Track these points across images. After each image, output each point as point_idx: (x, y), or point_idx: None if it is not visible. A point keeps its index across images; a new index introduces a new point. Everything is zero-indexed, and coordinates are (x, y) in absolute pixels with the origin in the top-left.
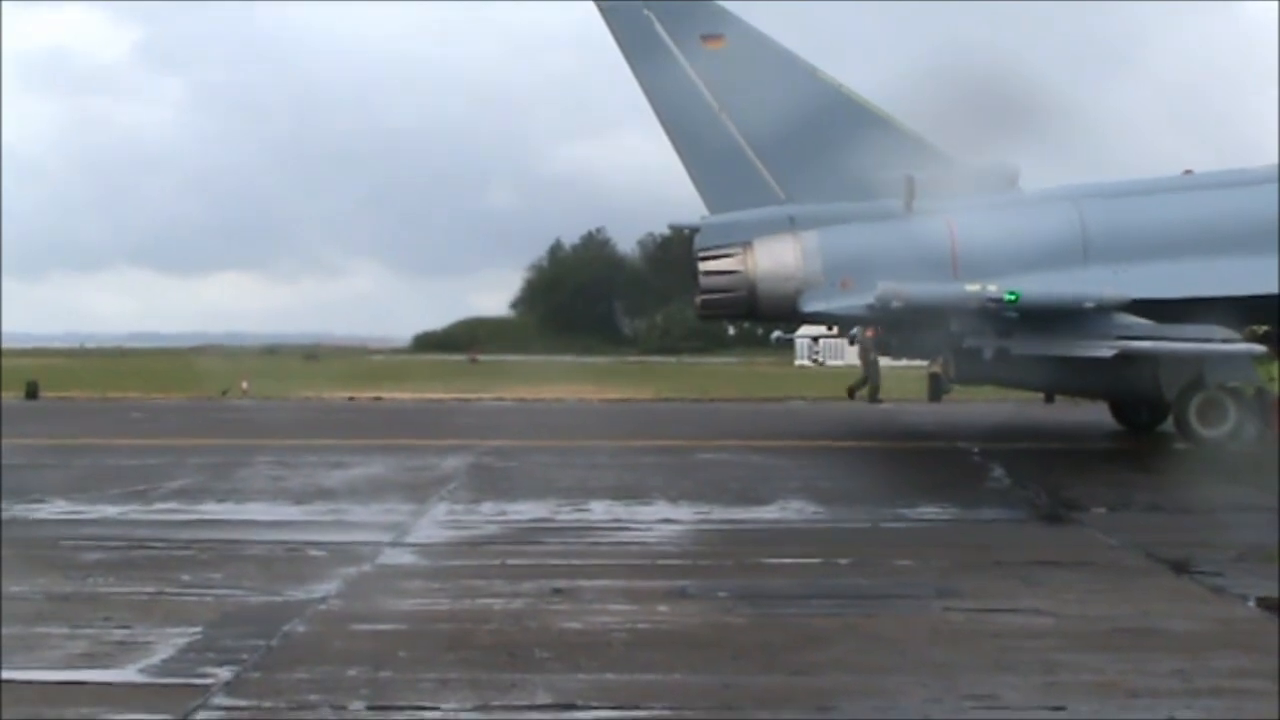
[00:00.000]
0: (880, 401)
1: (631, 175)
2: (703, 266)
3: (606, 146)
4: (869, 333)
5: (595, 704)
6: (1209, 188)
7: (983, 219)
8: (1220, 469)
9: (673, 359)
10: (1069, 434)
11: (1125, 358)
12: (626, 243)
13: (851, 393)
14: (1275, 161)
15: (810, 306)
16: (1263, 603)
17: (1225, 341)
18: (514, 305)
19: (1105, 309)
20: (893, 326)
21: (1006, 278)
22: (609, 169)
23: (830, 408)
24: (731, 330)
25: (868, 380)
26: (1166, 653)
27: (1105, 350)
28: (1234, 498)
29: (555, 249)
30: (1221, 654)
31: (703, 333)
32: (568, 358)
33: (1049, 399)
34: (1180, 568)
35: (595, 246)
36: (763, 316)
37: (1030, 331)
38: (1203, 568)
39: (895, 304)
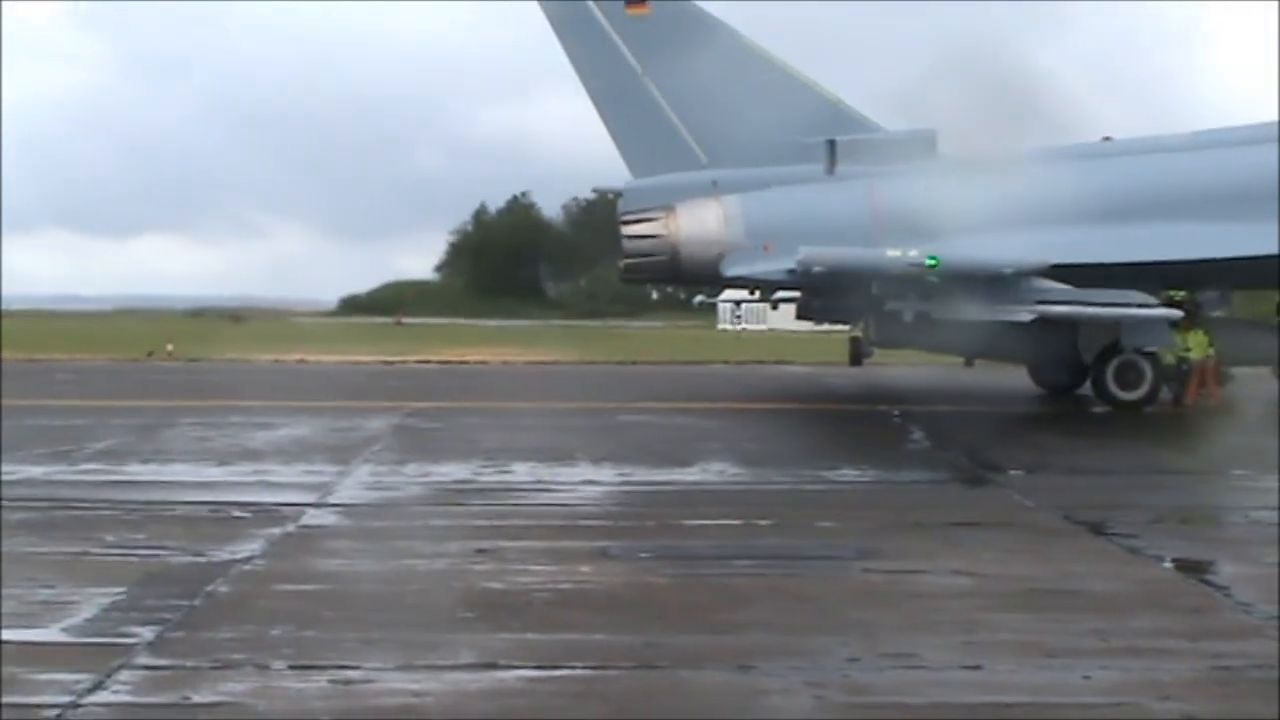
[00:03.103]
0: None
1: (557, 140)
2: (626, 230)
3: (532, 111)
4: None
5: (518, 663)
6: (1127, 154)
7: (903, 184)
8: (1138, 432)
9: (597, 323)
10: (989, 397)
11: (1044, 322)
12: (551, 207)
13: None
14: (1194, 129)
15: (733, 270)
16: (1179, 564)
17: (1142, 306)
18: (439, 269)
19: (1025, 274)
20: (814, 291)
21: (927, 242)
22: (534, 133)
23: (753, 371)
24: (655, 294)
25: None
26: (1084, 613)
27: (1024, 315)
28: (1150, 461)
29: (480, 213)
30: (1138, 614)
31: (627, 297)
32: (493, 321)
33: (969, 363)
34: (1098, 529)
35: (520, 210)
36: (686, 280)
37: (951, 296)
38: (1120, 529)
39: (817, 268)
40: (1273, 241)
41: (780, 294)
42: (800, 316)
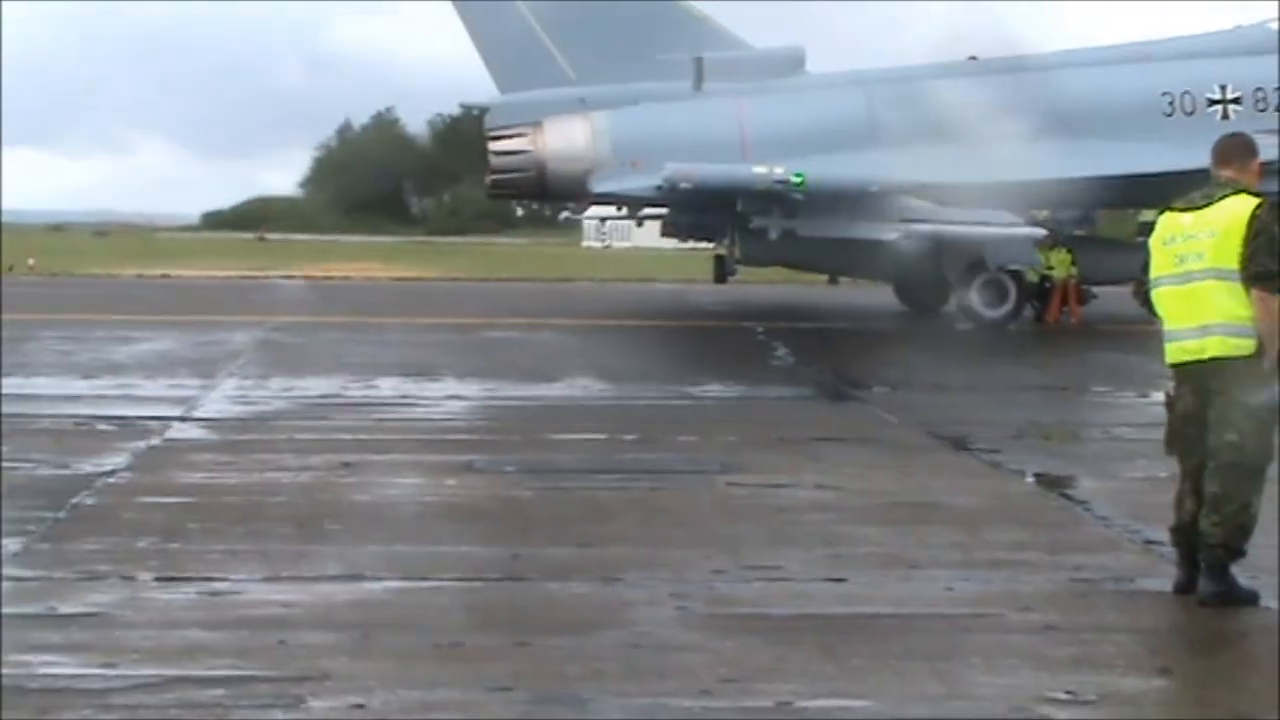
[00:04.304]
0: None
1: (422, 55)
2: (492, 146)
3: (397, 24)
4: None
5: (384, 575)
6: (993, 73)
7: (771, 102)
8: (1001, 349)
9: (461, 239)
10: (853, 314)
11: (909, 239)
12: (417, 123)
13: None
14: (1062, 48)
15: (600, 187)
16: (1040, 478)
17: (1007, 225)
18: (303, 185)
19: (890, 192)
20: (681, 208)
21: (793, 160)
22: (399, 48)
23: (618, 288)
24: (520, 211)
25: None
26: (946, 526)
27: (889, 233)
28: (1013, 377)
29: (344, 129)
30: (999, 527)
31: (491, 213)
32: (356, 237)
33: (832, 280)
34: (959, 444)
35: (385, 127)
36: (553, 196)
37: (816, 213)
38: (981, 445)
39: (683, 185)
40: (1136, 161)
41: (647, 211)
42: (665, 234)
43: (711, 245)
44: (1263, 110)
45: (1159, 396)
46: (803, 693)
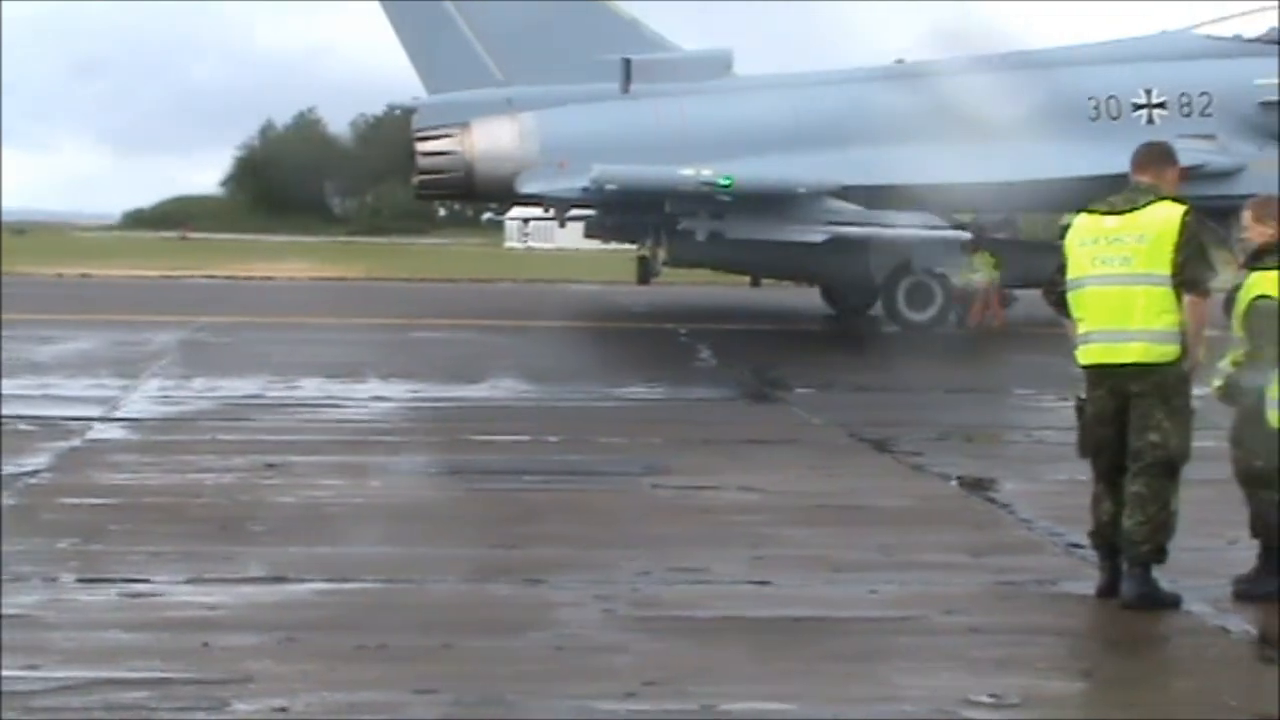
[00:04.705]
0: None
1: (349, 55)
2: (420, 147)
3: (323, 24)
4: None
5: (308, 576)
6: (919, 76)
7: (698, 104)
8: (925, 352)
9: (384, 239)
10: (778, 316)
11: (836, 242)
12: (339, 123)
13: None
14: (987, 52)
15: (527, 188)
16: (963, 480)
17: (933, 228)
18: (225, 184)
19: (817, 194)
20: (609, 209)
21: (721, 162)
22: (324, 47)
23: (541, 289)
24: (442, 211)
25: None
26: (870, 528)
27: (816, 235)
28: (937, 380)
29: (267, 128)
30: (923, 530)
31: (414, 213)
32: (279, 236)
33: (755, 282)
34: (882, 446)
35: (307, 126)
36: (481, 197)
37: (744, 215)
38: (904, 447)
39: (611, 186)
40: (1062, 164)
41: (574, 212)
42: (588, 235)
43: (635, 247)
44: (1187, 115)
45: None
46: (728, 695)
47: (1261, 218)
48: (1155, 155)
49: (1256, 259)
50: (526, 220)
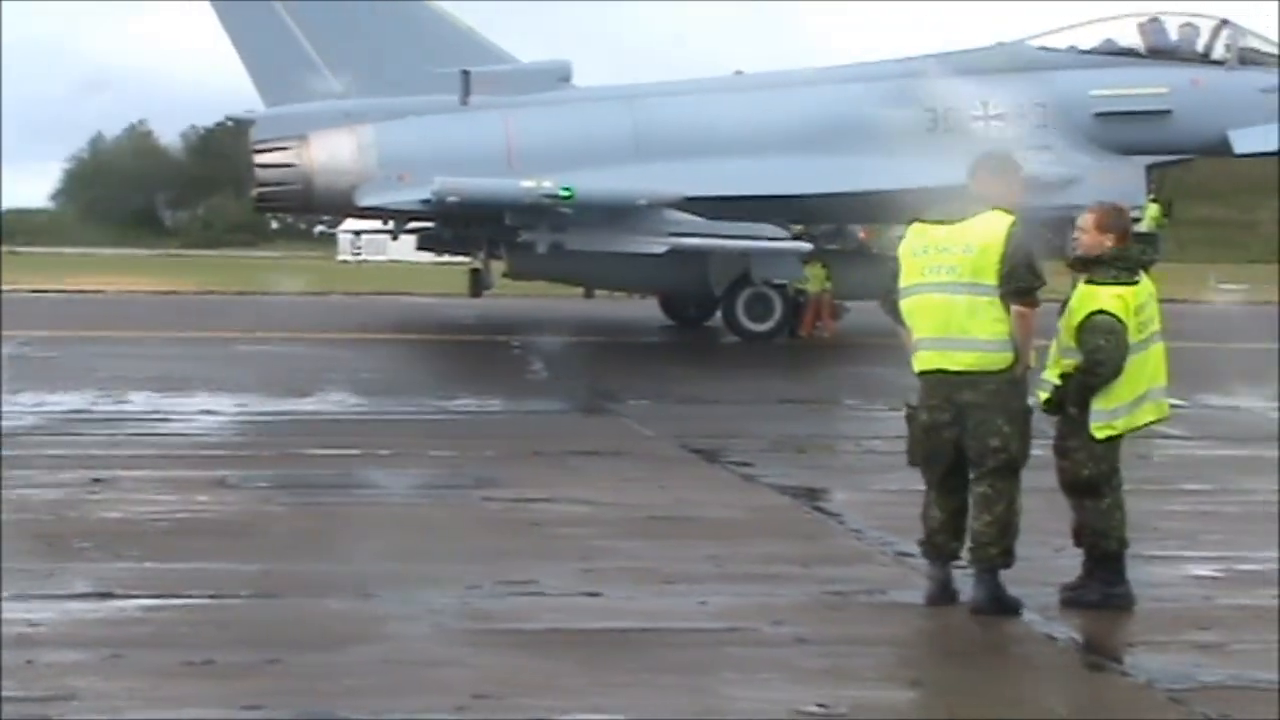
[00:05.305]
0: None
1: (184, 68)
2: (259, 159)
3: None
4: None
5: (135, 592)
6: (758, 88)
7: (537, 115)
8: (760, 363)
9: (215, 252)
10: (612, 329)
11: (677, 253)
12: (170, 135)
13: None
14: (824, 65)
15: (367, 200)
16: (793, 491)
17: (772, 239)
18: (54, 197)
19: (657, 206)
20: (449, 221)
21: (561, 174)
22: (159, 61)
23: (373, 302)
24: (275, 224)
25: None
26: (700, 539)
27: (657, 246)
28: (770, 391)
29: (96, 140)
30: (752, 540)
31: (246, 226)
32: (109, 250)
33: (588, 294)
34: (713, 457)
35: (137, 139)
36: (320, 210)
37: (584, 227)
38: (735, 457)
39: (452, 198)
40: (900, 176)
41: (414, 224)
42: (421, 247)
43: (468, 259)
44: (1023, 127)
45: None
46: (558, 708)
47: (1104, 226)
48: (991, 165)
49: (1087, 268)
50: (358, 233)
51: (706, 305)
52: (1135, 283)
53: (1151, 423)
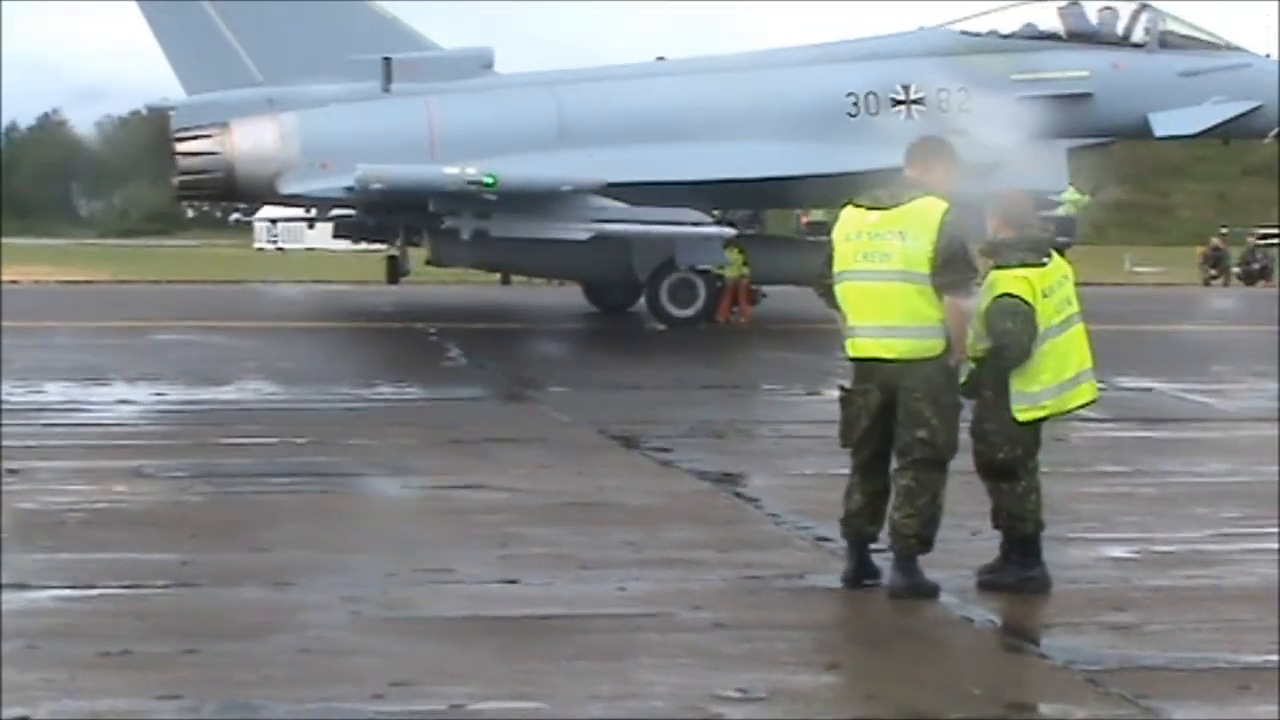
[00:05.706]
0: None
1: (90, 56)
2: (180, 148)
3: (74, 24)
4: None
5: (51, 583)
6: (681, 74)
7: (460, 102)
8: (680, 349)
9: (131, 241)
10: (532, 315)
11: (600, 239)
12: (85, 124)
13: None
14: (747, 50)
15: (289, 188)
16: (710, 476)
17: (696, 224)
18: None
19: (581, 192)
20: (371, 209)
21: (484, 160)
22: (69, 48)
23: (289, 290)
24: (191, 213)
25: None
26: (618, 525)
27: (580, 232)
28: (686, 376)
29: (9, 131)
30: (671, 526)
31: (162, 215)
32: (23, 240)
33: (505, 280)
34: (631, 443)
35: (51, 128)
36: (243, 198)
37: (508, 214)
38: (653, 443)
39: (376, 186)
40: (822, 161)
41: (337, 212)
42: (338, 235)
43: (385, 247)
44: (945, 111)
45: (829, 394)
46: (476, 695)
47: (1004, 212)
48: (926, 150)
49: (995, 253)
50: (274, 221)
51: (631, 291)
52: (1042, 264)
53: (1084, 405)
